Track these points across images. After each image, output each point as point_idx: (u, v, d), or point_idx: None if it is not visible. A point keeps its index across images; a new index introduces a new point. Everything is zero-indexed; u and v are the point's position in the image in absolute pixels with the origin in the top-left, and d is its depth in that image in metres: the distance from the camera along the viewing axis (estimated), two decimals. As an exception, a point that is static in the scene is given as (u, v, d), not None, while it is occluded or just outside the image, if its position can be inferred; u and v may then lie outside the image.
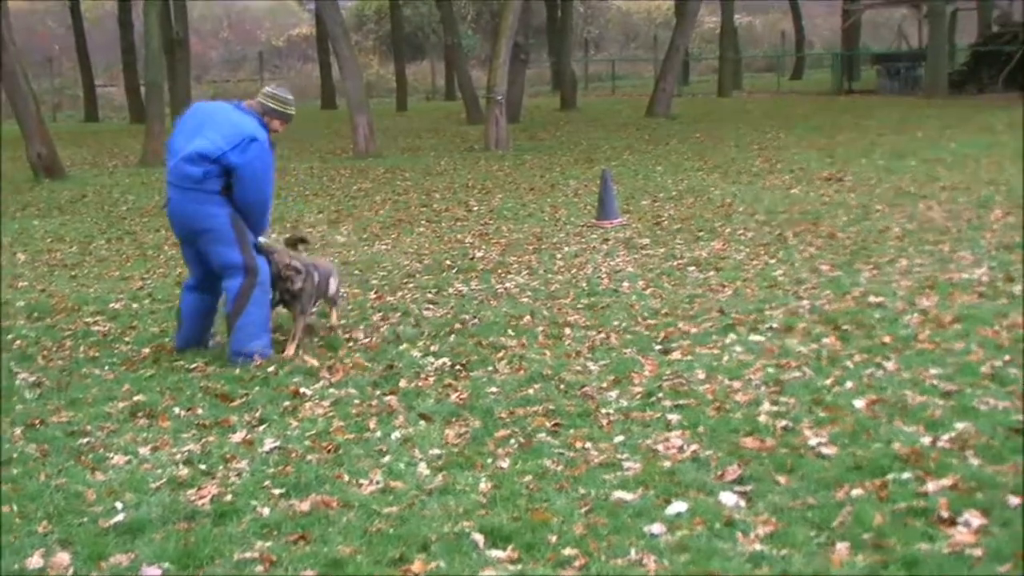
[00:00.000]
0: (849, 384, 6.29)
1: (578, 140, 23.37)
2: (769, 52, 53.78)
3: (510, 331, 7.92)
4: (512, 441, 5.64)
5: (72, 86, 40.92)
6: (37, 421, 6.24)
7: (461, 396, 6.42)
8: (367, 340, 7.83)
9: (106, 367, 7.41)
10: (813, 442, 5.38)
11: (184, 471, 5.41)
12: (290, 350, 7.46)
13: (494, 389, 6.55)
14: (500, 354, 7.31)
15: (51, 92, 37.43)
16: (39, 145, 18.86)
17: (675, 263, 10.17)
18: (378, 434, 5.85)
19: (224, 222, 7.32)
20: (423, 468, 5.33)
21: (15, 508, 4.97)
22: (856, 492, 4.77)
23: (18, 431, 6.09)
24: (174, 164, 7.33)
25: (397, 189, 16.63)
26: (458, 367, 7.04)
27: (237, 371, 7.12)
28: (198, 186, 7.25)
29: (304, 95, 44.72)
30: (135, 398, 6.64)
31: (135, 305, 9.37)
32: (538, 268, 10.26)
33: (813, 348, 7.07)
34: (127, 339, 8.18)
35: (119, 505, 5.00)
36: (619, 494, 4.88)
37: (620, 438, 5.62)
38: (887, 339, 7.15)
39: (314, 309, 7.97)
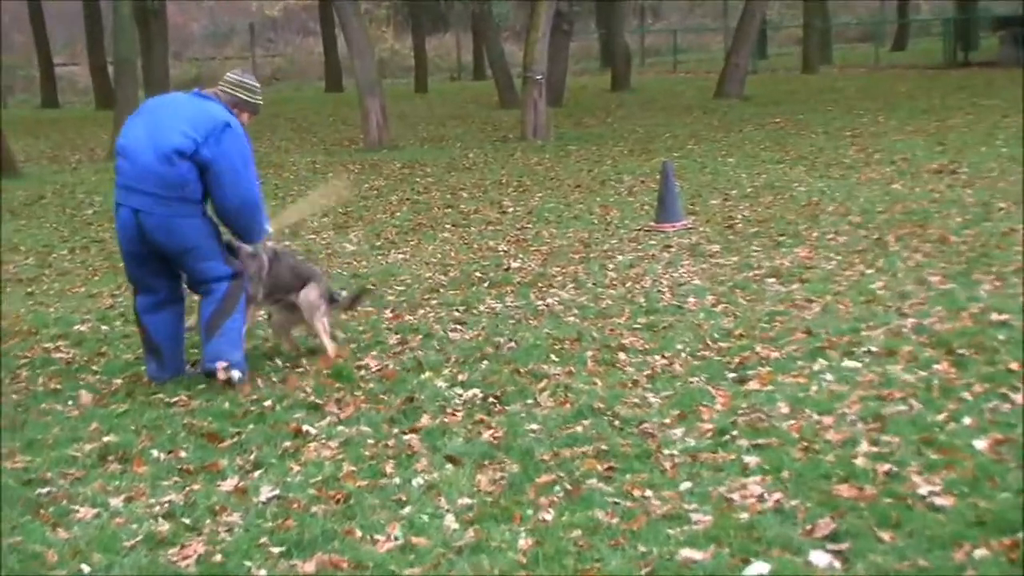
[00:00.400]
0: (967, 420, 6.25)
1: (633, 127, 23.41)
2: (865, 19, 53.69)
3: (553, 356, 7.94)
4: (557, 488, 5.64)
5: (26, 65, 41.35)
6: (-11, 467, 6.31)
7: (495, 434, 6.44)
8: (382, 368, 7.86)
9: (70, 402, 7.47)
10: (923, 491, 5.35)
11: (164, 526, 5.44)
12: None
13: (535, 426, 6.56)
14: (541, 384, 7.32)
15: (0, 72, 37.82)
16: (-11, 137, 19.11)
17: (751, 274, 10.16)
18: (396, 480, 5.87)
19: (204, 236, 7.43)
20: (450, 521, 5.34)
21: (-38, 570, 5.03)
22: (979, 553, 4.74)
23: (-35, 478, 6.16)
24: (143, 167, 7.29)
25: (416, 187, 16.71)
26: (491, 400, 7.06)
27: (227, 405, 7.18)
28: (178, 194, 7.29)
29: (304, 75, 45.09)
30: (105, 439, 6.69)
31: (104, 327, 9.45)
32: (586, 281, 10.28)
33: (921, 376, 7.04)
34: (95, 368, 8.26)
35: (86, 568, 5.04)
36: (687, 552, 4.87)
37: (687, 485, 5.61)
38: (1014, 365, 7.10)
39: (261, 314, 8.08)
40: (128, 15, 21.98)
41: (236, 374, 7.47)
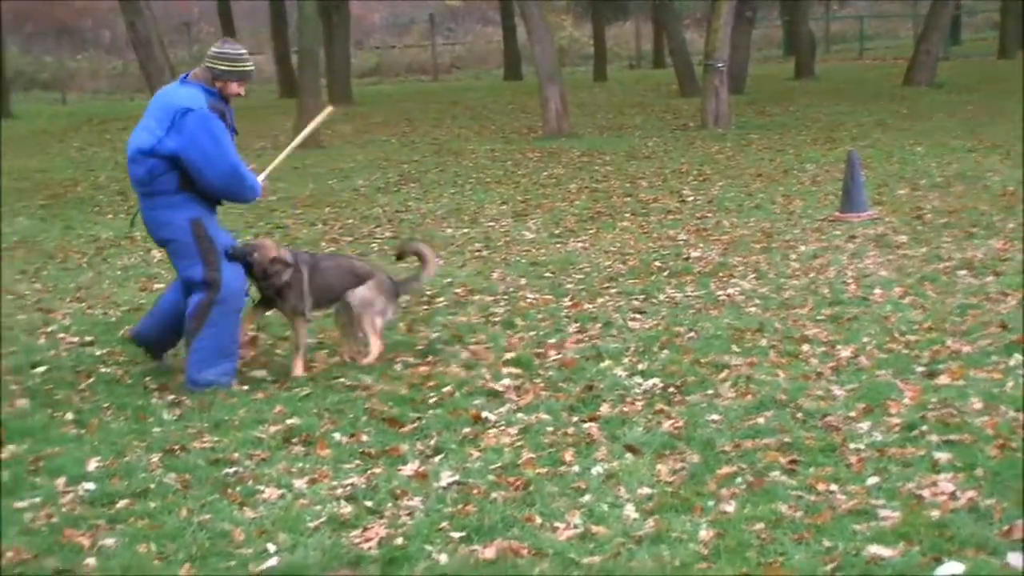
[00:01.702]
0: None
1: (816, 115, 23.06)
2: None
3: (734, 347, 7.88)
4: (739, 480, 5.60)
5: (214, 56, 42.49)
6: (177, 447, 6.49)
7: (675, 424, 6.42)
8: (561, 356, 7.89)
9: (255, 385, 7.66)
10: (1126, 491, 5.17)
11: (347, 508, 5.55)
12: (297, 367, 7.75)
13: (715, 417, 6.52)
14: (722, 374, 7.28)
15: (189, 62, 38.88)
16: (177, 125, 19.67)
17: (941, 266, 9.93)
18: (576, 468, 5.89)
19: (183, 232, 7.49)
20: (630, 510, 5.34)
21: (153, 548, 5.19)
22: None
23: (155, 458, 6.35)
24: (128, 166, 7.60)
25: (595, 175, 16.71)
26: (671, 389, 7.04)
27: (406, 391, 7.28)
28: (149, 189, 7.46)
29: (484, 63, 45.44)
30: (289, 421, 6.85)
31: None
32: (768, 271, 10.17)
33: (1124, 373, 6.80)
34: (279, 351, 8.44)
35: (271, 547, 5.17)
36: (874, 549, 4.79)
37: (874, 480, 5.51)
38: None
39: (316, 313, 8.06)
40: (312, 6, 22.41)
41: (225, 380, 7.52)
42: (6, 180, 18.48)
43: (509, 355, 7.98)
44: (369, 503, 5.60)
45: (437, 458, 6.16)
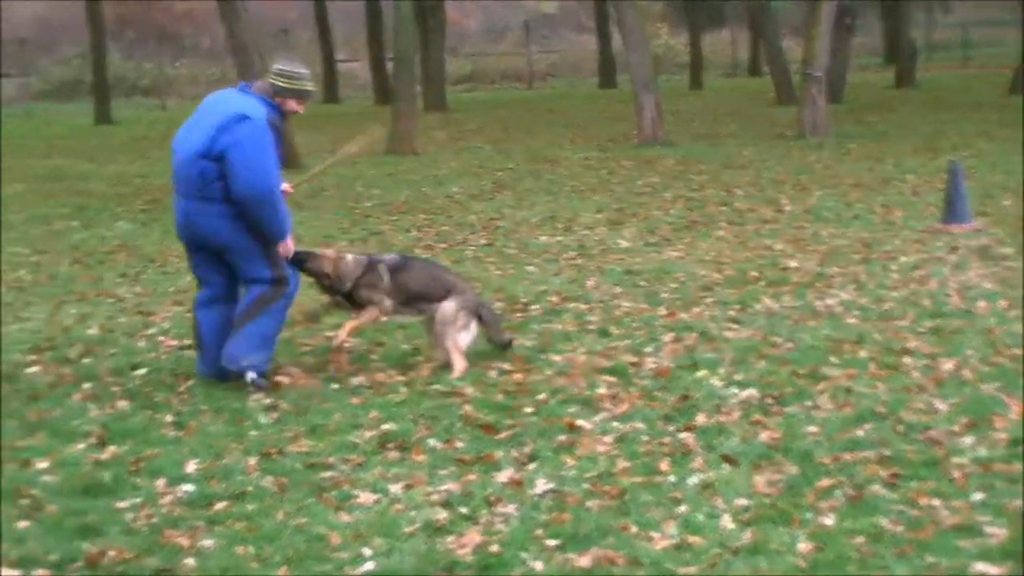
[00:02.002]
0: None
1: (917, 124, 22.79)
2: None
3: (833, 358, 7.81)
4: (838, 493, 5.56)
5: (309, 61, 42.87)
6: (274, 450, 6.57)
7: (773, 436, 6.38)
8: (656, 365, 7.87)
9: (350, 390, 7.73)
10: None
11: (442, 514, 5.57)
12: (342, 334, 7.94)
13: (814, 428, 6.47)
14: (821, 386, 7.22)
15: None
16: (274, 131, 19.87)
17: (1048, 279, 9.78)
18: (672, 478, 5.87)
19: (244, 236, 7.55)
20: (727, 521, 5.32)
21: (251, 550, 5.26)
22: None
23: (253, 461, 6.43)
24: (177, 168, 7.60)
25: (691, 184, 16.65)
26: (768, 400, 6.99)
27: (501, 398, 7.30)
28: (200, 193, 7.50)
29: (579, 71, 45.47)
30: (384, 427, 6.90)
31: (383, 318, 9.69)
32: (867, 282, 10.07)
33: None
34: (373, 356, 8.50)
35: (367, 551, 5.21)
36: (980, 566, 4.73)
37: (979, 496, 5.44)
38: None
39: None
40: (409, 13, 22.55)
41: (250, 376, 7.60)
42: (107, 185, 18.82)
43: (604, 363, 7.97)
44: (464, 509, 5.63)
45: (532, 465, 6.17)
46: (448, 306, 7.97)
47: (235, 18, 19.76)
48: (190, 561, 5.16)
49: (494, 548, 5.17)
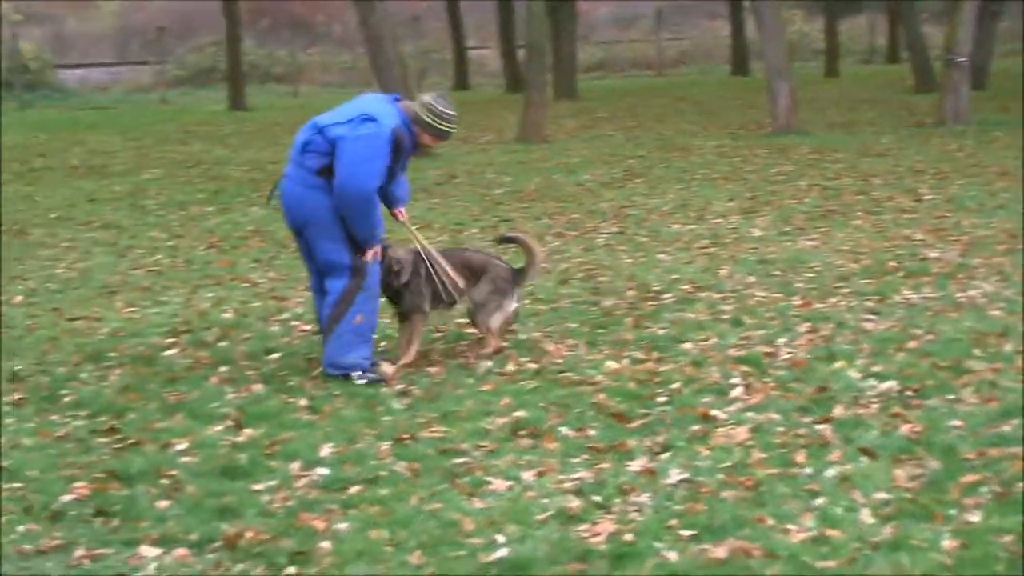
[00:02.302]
0: None
1: (1066, 112, 22.23)
2: None
3: (976, 351, 7.67)
4: (984, 489, 5.45)
5: (440, 49, 43.12)
6: (407, 436, 6.62)
7: (914, 429, 6.27)
8: (792, 356, 7.78)
9: (481, 376, 7.76)
10: None
11: (574, 502, 5.58)
12: (407, 355, 7.90)
13: (957, 422, 6.35)
14: (963, 379, 7.09)
15: (416, 56, 39.59)
16: (405, 119, 20.00)
17: None
18: (808, 470, 5.81)
19: (325, 213, 7.60)
20: (866, 515, 5.25)
21: (385, 534, 5.31)
22: None
23: (385, 446, 6.49)
24: (297, 137, 7.81)
25: (826, 173, 16.43)
26: (908, 393, 6.88)
27: (633, 386, 7.28)
28: (300, 159, 7.67)
29: (710, 58, 45.15)
30: (515, 414, 6.92)
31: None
32: (1012, 274, 9.85)
33: None
34: (507, 344, 8.51)
35: (500, 538, 5.23)
36: None
37: None
38: None
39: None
40: (541, 1, 22.54)
41: (356, 375, 7.65)
42: (241, 171, 19.14)
43: (738, 353, 7.91)
44: (597, 498, 5.62)
45: (665, 455, 6.15)
46: (477, 293, 8.13)
47: (369, 8, 19.92)
48: (325, 544, 5.22)
49: (628, 537, 5.16)
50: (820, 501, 5.42)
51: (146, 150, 21.77)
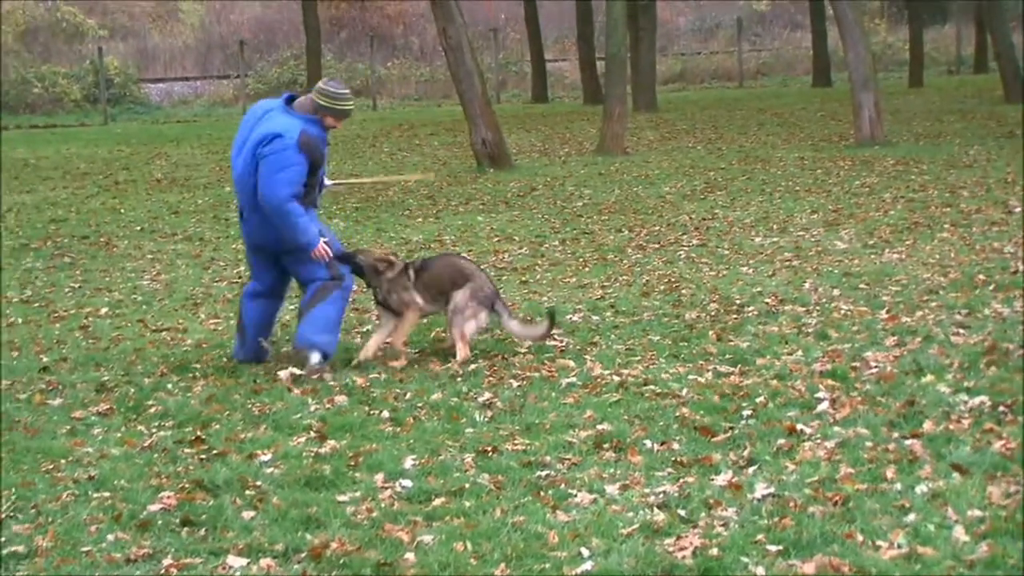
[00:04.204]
0: None
1: None
2: None
3: (1072, 366, 7.54)
4: (1083, 508, 5.36)
5: (518, 61, 43.18)
6: (489, 448, 6.65)
7: (1007, 446, 6.18)
8: (879, 369, 7.70)
9: (564, 389, 7.75)
10: None
11: (659, 516, 5.56)
12: (398, 350, 8.49)
13: (1052, 439, 6.25)
14: (1059, 395, 6.97)
15: (495, 68, 39.67)
16: (484, 130, 20.07)
17: None
18: (898, 486, 5.75)
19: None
20: (959, 533, 5.18)
21: (469, 546, 5.33)
22: None
23: (469, 458, 6.52)
24: (236, 177, 8.50)
25: (912, 185, 16.25)
26: (1002, 409, 6.77)
27: (717, 400, 7.25)
28: (255, 204, 8.32)
29: (792, 69, 44.85)
30: (599, 427, 6.92)
31: (595, 317, 9.73)
32: (1106, 287, 9.69)
33: None
34: (587, 356, 8.52)
35: (585, 551, 5.24)
36: None
37: None
38: None
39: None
40: (621, 12, 22.49)
41: (315, 356, 8.23)
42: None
43: (823, 367, 7.85)
44: (682, 512, 5.61)
45: (751, 469, 6.12)
46: (460, 295, 8.48)
47: (449, 19, 20.00)
48: (410, 556, 5.25)
49: (714, 552, 5.14)
50: (911, 518, 5.37)
51: (228, 163, 21.93)
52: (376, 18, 47.91)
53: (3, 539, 5.63)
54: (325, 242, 8.31)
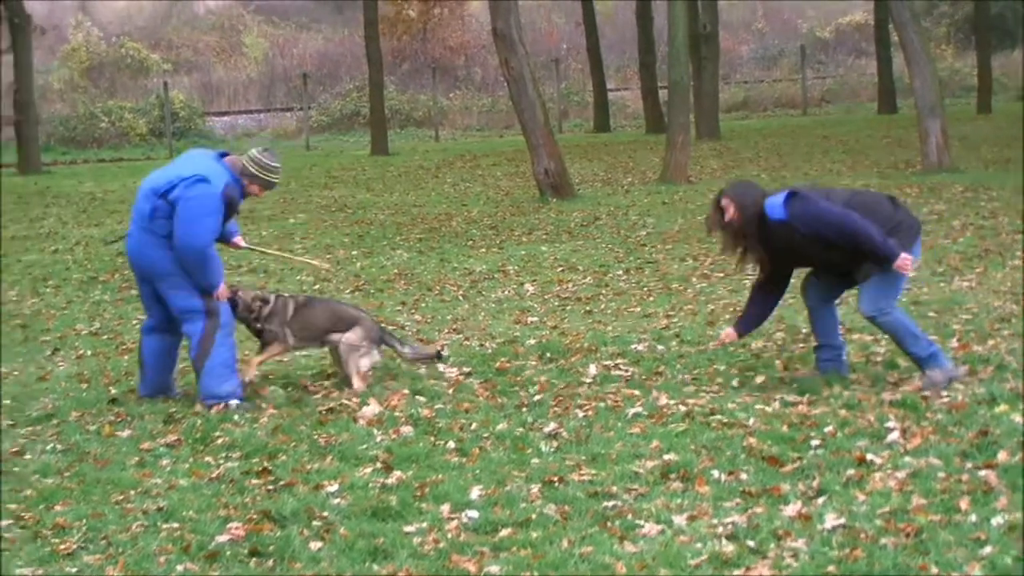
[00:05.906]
0: None
1: None
2: None
3: None
4: None
5: (580, 91, 43.24)
6: (556, 478, 6.64)
7: (1084, 477, 6.10)
8: (950, 399, 7.63)
9: (629, 419, 7.73)
10: None
11: (728, 547, 5.54)
12: (249, 371, 8.83)
13: None
14: None
15: (557, 98, 39.75)
16: (547, 160, 20.10)
17: None
18: (973, 518, 5.69)
19: (171, 264, 8.41)
20: (1038, 567, 5.11)
21: (536, 577, 5.32)
22: None
23: (535, 489, 6.52)
24: (136, 201, 8.62)
25: (981, 212, 16.11)
26: (1077, 439, 6.69)
27: (786, 429, 7.21)
28: (148, 225, 8.46)
29: (856, 96, 44.64)
30: (665, 457, 6.90)
31: (660, 347, 9.70)
32: None
33: None
34: (653, 386, 8.49)
35: (653, 582, 5.21)
36: None
37: None
38: None
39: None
40: (683, 41, 22.50)
41: (233, 403, 8.38)
42: (385, 215, 19.34)
43: (893, 396, 7.78)
44: (751, 543, 5.58)
45: (820, 499, 6.08)
46: (351, 336, 8.87)
47: (511, 50, 20.07)
48: (477, 587, 5.25)
49: (784, 583, 5.10)
50: (987, 550, 5.31)
51: (292, 195, 22.14)
52: (438, 49, 48.13)
53: (75, 570, 5.70)
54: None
